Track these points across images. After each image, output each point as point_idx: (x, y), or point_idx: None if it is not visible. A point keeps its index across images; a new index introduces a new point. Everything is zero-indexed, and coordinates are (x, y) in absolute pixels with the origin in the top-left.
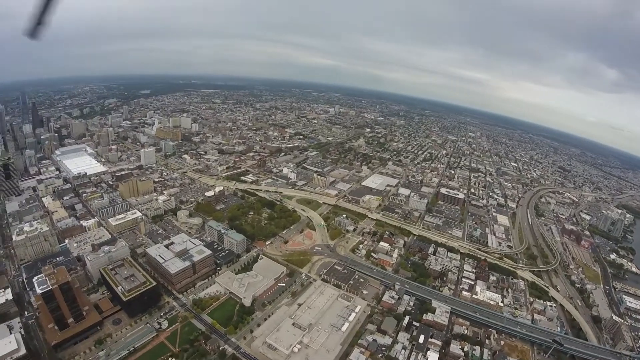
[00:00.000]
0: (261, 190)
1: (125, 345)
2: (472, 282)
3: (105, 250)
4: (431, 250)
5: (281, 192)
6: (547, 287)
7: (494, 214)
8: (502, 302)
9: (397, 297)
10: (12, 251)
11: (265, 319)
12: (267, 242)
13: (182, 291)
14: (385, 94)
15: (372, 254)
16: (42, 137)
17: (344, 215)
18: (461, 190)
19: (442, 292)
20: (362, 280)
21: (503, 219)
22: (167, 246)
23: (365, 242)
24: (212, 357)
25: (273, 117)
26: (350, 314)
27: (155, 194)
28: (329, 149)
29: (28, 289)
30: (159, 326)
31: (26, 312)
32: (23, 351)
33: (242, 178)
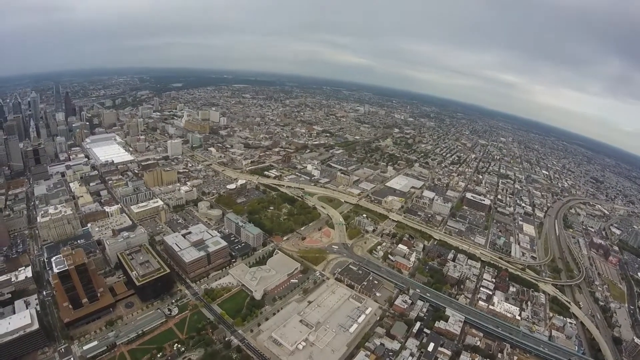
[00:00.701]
0: (283, 185)
1: (134, 328)
2: (491, 292)
3: (124, 236)
4: (451, 256)
5: (303, 189)
6: (569, 303)
7: (520, 222)
8: (520, 315)
9: (410, 301)
10: (36, 232)
11: (274, 314)
12: (284, 238)
13: (196, 280)
14: (417, 95)
15: (390, 256)
16: (73, 125)
17: (364, 215)
18: (488, 196)
19: (457, 300)
20: (376, 282)
21: (529, 229)
22: (184, 235)
23: (384, 244)
24: (217, 347)
25: (302, 113)
26: (359, 316)
27: (178, 184)
28: (355, 148)
29: (47, 269)
30: (169, 312)
31: (44, 290)
32: (36, 326)
33: (266, 173)
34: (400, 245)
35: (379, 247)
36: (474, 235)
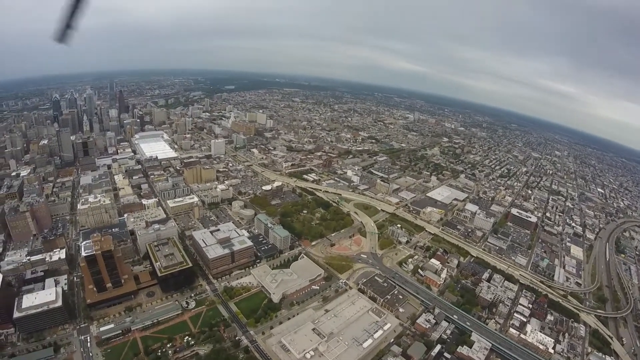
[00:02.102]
0: (320, 190)
1: (150, 317)
2: (525, 319)
3: (155, 228)
4: (486, 275)
5: (340, 194)
6: (611, 338)
7: (568, 244)
8: (554, 348)
9: (434, 321)
10: (76, 218)
11: (289, 318)
12: (313, 243)
13: (218, 277)
14: (470, 104)
15: (420, 270)
16: (125, 121)
17: (399, 225)
18: (535, 213)
19: (487, 324)
20: (400, 296)
21: (577, 251)
22: (212, 232)
23: (416, 257)
24: (225, 345)
25: (349, 119)
26: (377, 331)
27: (216, 182)
28: (400, 156)
29: (80, 252)
30: (186, 305)
31: (75, 272)
32: (59, 303)
33: (305, 176)
34: (432, 260)
35: (410, 260)
36: (515, 254)
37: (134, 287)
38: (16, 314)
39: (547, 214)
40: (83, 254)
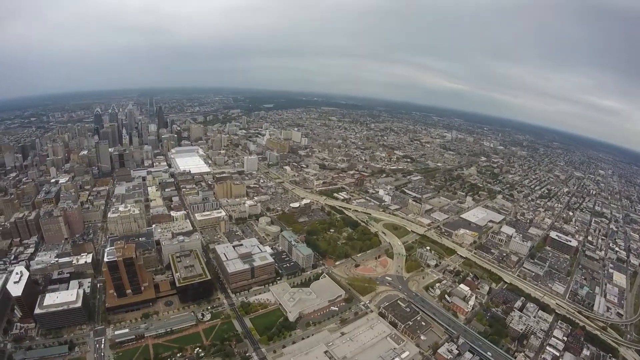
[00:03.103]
0: (350, 209)
1: (164, 325)
2: (558, 354)
3: (179, 240)
4: (519, 304)
5: (370, 214)
6: None
7: (611, 270)
8: None
9: (457, 352)
10: (107, 225)
11: (303, 339)
12: (337, 262)
13: (237, 291)
14: (509, 122)
15: (447, 296)
16: (162, 136)
17: (428, 248)
18: (576, 236)
19: (515, 358)
20: (423, 323)
21: (620, 278)
22: (234, 246)
23: (444, 282)
24: None
25: (385, 138)
26: (393, 358)
27: (245, 198)
28: (435, 175)
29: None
30: (201, 317)
31: (100, 276)
32: (79, 304)
33: (335, 195)
34: (461, 285)
35: (437, 284)
36: (552, 281)
37: (152, 295)
38: (37, 310)
39: (589, 238)
40: (105, 259)
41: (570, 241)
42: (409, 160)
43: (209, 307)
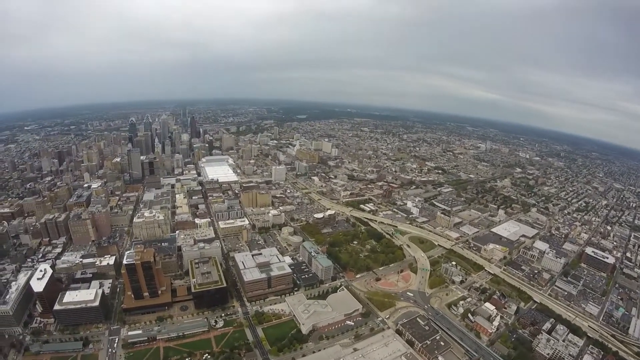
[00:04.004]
0: (375, 220)
1: (177, 329)
2: None
3: (200, 246)
4: (548, 326)
5: (396, 226)
6: None
7: None
8: None
9: None
10: (132, 230)
11: (314, 352)
12: (358, 275)
13: (252, 300)
14: (546, 132)
15: (470, 315)
16: (194, 145)
17: (453, 263)
18: (614, 252)
19: None
20: (442, 343)
21: None
22: (253, 255)
23: (469, 299)
24: None
25: (417, 149)
26: None
27: (270, 207)
28: (467, 187)
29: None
30: (214, 324)
31: (121, 278)
32: (96, 303)
33: (362, 206)
34: (487, 304)
35: (461, 302)
36: (586, 301)
37: (169, 299)
38: (56, 307)
39: (628, 254)
40: (124, 262)
41: (607, 258)
42: (440, 171)
43: (223, 314)
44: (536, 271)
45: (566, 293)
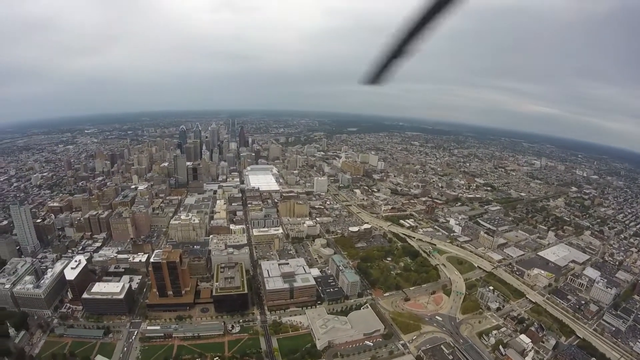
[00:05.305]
0: (414, 237)
1: (193, 329)
2: None
3: (229, 252)
4: None
5: (434, 244)
6: None
7: None
8: None
9: None
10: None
11: None
12: (386, 293)
13: (273, 309)
14: (607, 149)
15: (502, 346)
16: (241, 154)
17: (491, 288)
18: None
19: None
20: None
21: None
22: (280, 264)
23: (503, 329)
24: None
25: (467, 164)
26: None
27: (307, 218)
28: (516, 206)
29: None
30: (231, 328)
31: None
32: (121, 296)
33: (402, 221)
34: (522, 336)
35: (494, 331)
36: (635, 339)
37: (191, 299)
38: (85, 295)
39: None
40: (151, 260)
41: None
42: (489, 188)
43: (241, 320)
44: (583, 302)
45: (614, 329)
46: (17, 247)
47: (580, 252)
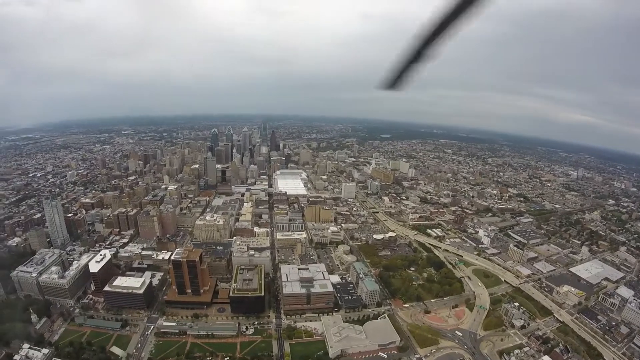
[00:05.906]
0: (440, 248)
1: (207, 328)
2: None
3: (250, 254)
4: None
5: (461, 256)
6: None
7: None
8: None
9: None
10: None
11: None
12: (406, 304)
13: (289, 314)
14: None
15: None
16: (272, 158)
17: (517, 304)
18: None
19: None
20: None
21: None
22: (299, 269)
23: (526, 349)
24: None
25: (501, 174)
26: None
27: (332, 223)
28: (549, 218)
29: None
30: (245, 330)
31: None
32: (140, 291)
33: (429, 230)
34: (545, 358)
35: (516, 350)
36: None
37: (208, 299)
38: (106, 288)
39: None
40: (172, 257)
41: None
42: (522, 199)
43: (256, 323)
44: (614, 323)
45: None
46: (48, 239)
47: (615, 269)
